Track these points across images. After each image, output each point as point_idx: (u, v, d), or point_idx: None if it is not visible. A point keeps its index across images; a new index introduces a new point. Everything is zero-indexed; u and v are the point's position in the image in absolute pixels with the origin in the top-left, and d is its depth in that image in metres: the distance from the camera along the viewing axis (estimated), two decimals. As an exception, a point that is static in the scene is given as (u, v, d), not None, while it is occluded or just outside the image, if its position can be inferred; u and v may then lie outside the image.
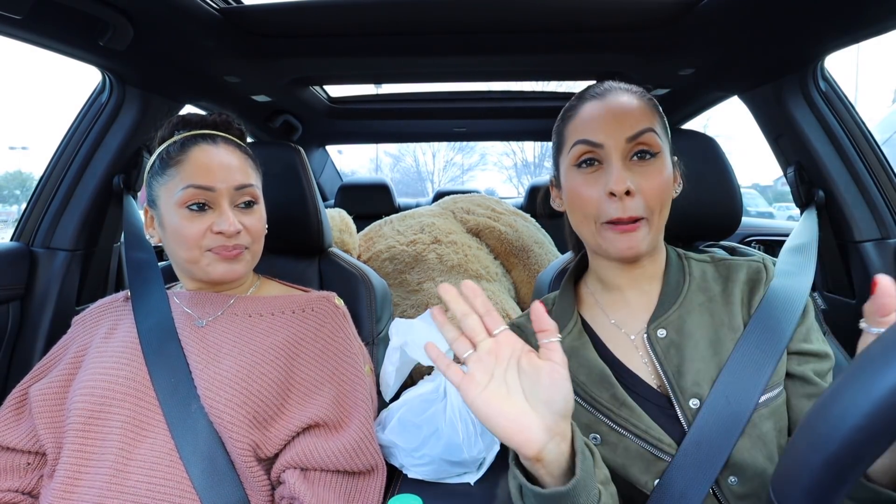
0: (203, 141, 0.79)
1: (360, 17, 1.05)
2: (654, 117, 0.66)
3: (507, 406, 0.47)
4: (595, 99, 0.67)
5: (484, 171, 22.45)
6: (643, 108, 0.65)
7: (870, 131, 1.15)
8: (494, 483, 0.85)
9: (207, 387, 0.70)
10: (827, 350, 0.64)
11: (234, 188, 0.78)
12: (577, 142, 0.66)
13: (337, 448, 0.72)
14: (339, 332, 0.83)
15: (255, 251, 0.83)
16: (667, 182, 0.64)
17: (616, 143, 0.63)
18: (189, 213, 0.76)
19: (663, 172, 0.64)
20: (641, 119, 0.64)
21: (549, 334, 0.49)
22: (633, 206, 0.62)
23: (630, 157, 0.64)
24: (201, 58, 1.14)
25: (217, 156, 0.78)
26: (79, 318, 0.85)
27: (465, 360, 0.49)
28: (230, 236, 0.76)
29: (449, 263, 1.44)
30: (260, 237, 0.83)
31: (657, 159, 0.64)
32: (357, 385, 0.80)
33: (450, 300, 0.50)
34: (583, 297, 0.78)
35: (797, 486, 0.32)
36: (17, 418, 0.75)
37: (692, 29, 1.05)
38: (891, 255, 1.09)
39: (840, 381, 0.31)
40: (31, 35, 0.87)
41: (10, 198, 19.40)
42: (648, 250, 0.66)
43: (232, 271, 0.79)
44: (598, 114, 0.65)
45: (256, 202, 0.82)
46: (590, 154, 0.65)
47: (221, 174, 0.77)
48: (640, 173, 0.63)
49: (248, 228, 0.80)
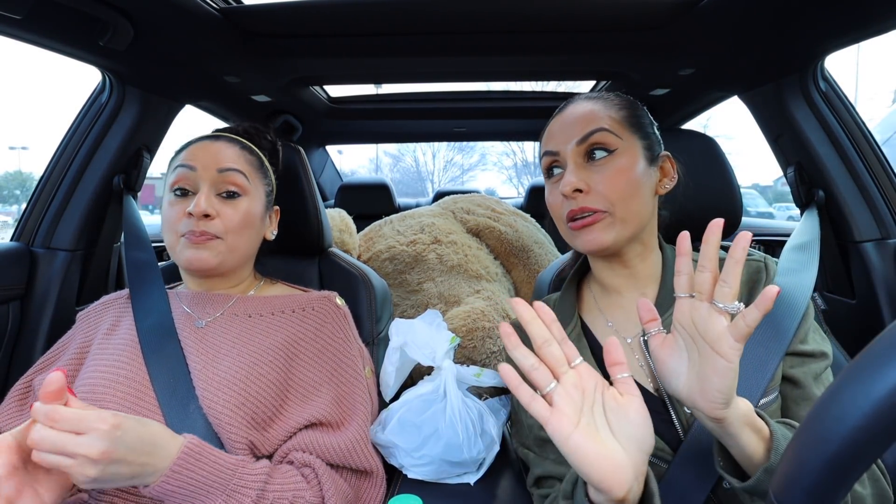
0: (207, 138, 0.82)
1: (360, 17, 1.05)
2: (612, 117, 0.67)
3: (601, 446, 0.43)
4: (558, 114, 0.72)
5: (484, 172, 22.47)
6: (598, 109, 0.68)
7: (870, 131, 1.15)
8: (494, 483, 0.85)
9: (206, 387, 0.70)
10: (823, 349, 0.64)
11: (216, 170, 0.78)
12: (543, 154, 0.72)
13: (334, 444, 0.72)
14: (339, 333, 0.83)
15: (232, 244, 0.79)
16: (629, 177, 0.65)
17: (568, 149, 0.67)
18: (174, 198, 0.78)
19: (624, 167, 0.65)
20: (592, 121, 0.67)
21: (622, 368, 0.47)
22: (587, 200, 0.65)
23: (586, 158, 0.67)
24: (201, 58, 1.14)
25: (210, 146, 0.81)
26: (83, 314, 0.85)
27: (548, 393, 0.45)
28: (199, 218, 0.76)
29: (449, 263, 1.44)
30: (238, 230, 0.79)
31: (614, 156, 0.66)
32: (356, 387, 0.80)
33: (528, 322, 0.46)
34: (584, 299, 0.78)
35: (797, 486, 0.32)
36: (20, 409, 0.76)
37: (692, 29, 1.04)
38: (891, 255, 1.09)
39: (840, 381, 0.31)
40: (31, 35, 0.87)
41: (9, 198, 19.41)
42: (619, 243, 0.66)
43: (198, 258, 0.76)
44: (557, 125, 0.71)
45: (242, 194, 0.80)
46: (552, 163, 0.70)
47: (206, 158, 0.79)
48: (596, 171, 0.66)
49: (222, 217, 0.78)
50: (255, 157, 0.85)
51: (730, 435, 0.48)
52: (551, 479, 0.69)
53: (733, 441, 0.48)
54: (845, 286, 1.16)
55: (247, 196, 0.81)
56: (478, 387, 0.98)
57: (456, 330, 1.26)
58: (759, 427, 0.49)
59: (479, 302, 1.35)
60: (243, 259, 0.84)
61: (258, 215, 0.83)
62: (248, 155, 0.84)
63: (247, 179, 0.81)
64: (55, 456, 0.49)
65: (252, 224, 0.82)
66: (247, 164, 0.82)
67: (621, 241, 0.66)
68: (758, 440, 0.48)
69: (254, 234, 0.84)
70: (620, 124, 0.67)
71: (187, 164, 0.78)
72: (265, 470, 0.66)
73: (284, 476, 0.67)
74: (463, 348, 1.25)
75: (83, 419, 0.50)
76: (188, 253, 0.77)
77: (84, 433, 0.50)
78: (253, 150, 0.86)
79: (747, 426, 0.48)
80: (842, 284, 1.17)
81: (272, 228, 0.90)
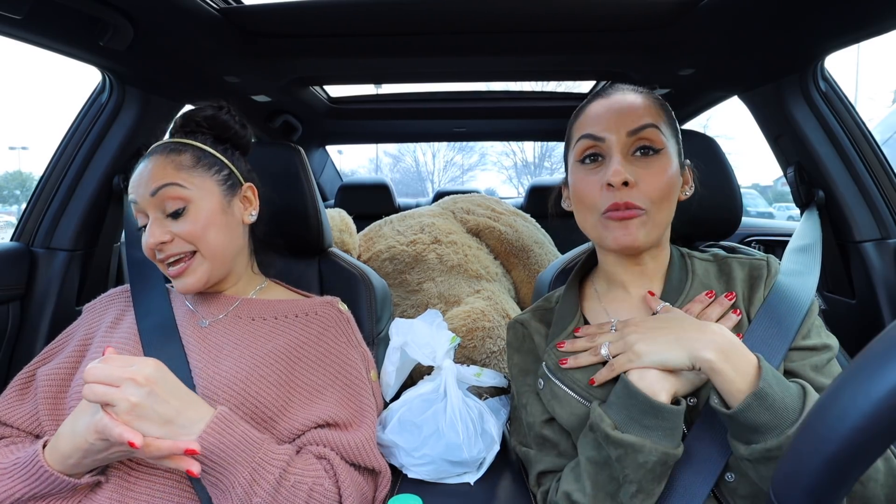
0: (153, 153, 0.78)
1: (360, 17, 1.05)
2: (659, 115, 0.67)
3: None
4: (601, 97, 0.70)
5: (484, 172, 22.47)
6: (648, 105, 0.67)
7: (870, 131, 1.15)
8: (494, 483, 0.85)
9: (206, 385, 0.70)
10: (826, 342, 0.64)
11: (149, 195, 0.74)
12: (581, 136, 0.68)
13: (346, 442, 0.72)
14: (342, 338, 0.82)
15: (206, 252, 0.76)
16: (669, 179, 0.65)
17: (618, 137, 0.65)
18: (143, 233, 0.77)
19: (666, 169, 0.65)
20: (644, 115, 0.65)
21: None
22: (632, 195, 0.64)
23: (632, 152, 0.66)
24: (201, 58, 1.14)
25: (144, 169, 0.76)
26: (89, 306, 0.85)
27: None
28: (157, 250, 0.75)
29: (449, 263, 1.44)
30: (201, 237, 0.75)
31: (660, 156, 0.65)
32: (361, 390, 0.80)
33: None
34: (587, 294, 0.78)
35: (797, 486, 0.32)
36: (21, 398, 0.76)
37: (692, 29, 1.05)
38: (891, 255, 1.09)
39: (840, 381, 0.31)
40: (31, 35, 0.87)
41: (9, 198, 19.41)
42: (647, 245, 0.67)
43: (184, 286, 0.76)
44: (602, 110, 0.68)
45: (187, 203, 0.75)
46: (593, 148, 0.67)
47: (141, 185, 0.75)
48: (642, 167, 0.65)
49: (179, 235, 0.74)
50: (187, 154, 0.78)
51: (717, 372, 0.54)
52: (552, 473, 0.69)
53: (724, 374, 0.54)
54: (845, 286, 1.16)
55: (193, 203, 0.75)
56: (478, 386, 0.98)
57: (456, 330, 1.26)
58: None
59: (479, 302, 1.35)
60: (230, 257, 0.81)
61: (216, 211, 0.77)
62: (177, 156, 0.77)
63: (182, 187, 0.75)
64: (103, 387, 0.56)
65: (214, 222, 0.77)
66: (177, 171, 0.75)
67: (650, 242, 0.67)
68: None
69: (224, 229, 0.78)
70: (666, 124, 0.67)
71: (132, 198, 0.76)
72: (289, 451, 0.67)
73: (305, 462, 0.68)
74: (463, 348, 1.25)
75: (132, 358, 0.60)
76: (175, 282, 0.77)
77: (132, 365, 0.59)
78: (182, 147, 0.78)
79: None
80: (842, 284, 1.17)
81: (250, 210, 0.84)
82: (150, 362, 0.60)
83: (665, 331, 0.59)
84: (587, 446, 0.59)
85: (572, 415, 0.66)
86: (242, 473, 0.61)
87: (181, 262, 0.75)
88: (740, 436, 0.53)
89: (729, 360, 0.54)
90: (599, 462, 0.57)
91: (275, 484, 0.62)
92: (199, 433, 0.59)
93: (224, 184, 0.80)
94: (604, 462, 0.57)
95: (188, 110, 0.85)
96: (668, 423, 0.55)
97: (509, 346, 0.81)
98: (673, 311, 0.64)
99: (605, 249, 0.73)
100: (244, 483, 0.61)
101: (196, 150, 0.79)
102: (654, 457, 0.54)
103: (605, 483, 0.57)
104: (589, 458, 0.58)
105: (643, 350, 0.58)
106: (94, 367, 0.57)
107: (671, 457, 0.55)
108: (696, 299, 0.67)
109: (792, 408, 0.50)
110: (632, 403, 0.56)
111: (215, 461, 0.60)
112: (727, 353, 0.54)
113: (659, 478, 0.56)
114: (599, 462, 0.57)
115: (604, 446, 0.56)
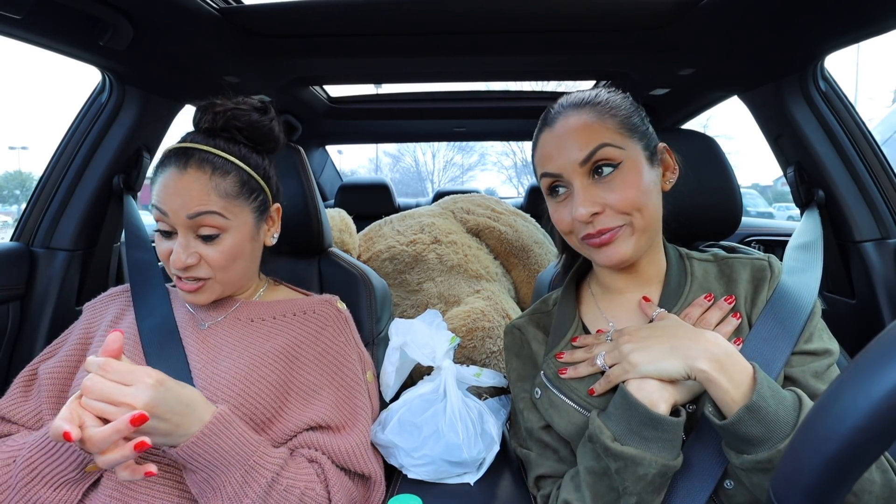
0: (175, 163, 0.73)
1: (360, 17, 1.05)
2: (607, 127, 0.64)
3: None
4: (547, 128, 0.68)
5: (484, 171, 22.48)
6: (591, 122, 0.65)
7: (870, 131, 1.15)
8: (494, 483, 0.85)
9: (205, 386, 0.70)
10: (828, 347, 0.64)
11: (185, 217, 0.71)
12: (541, 175, 0.68)
13: (336, 447, 0.72)
14: (340, 337, 0.82)
15: (224, 279, 0.76)
16: (639, 187, 0.63)
17: (572, 169, 0.64)
18: (158, 236, 0.75)
19: (632, 178, 0.63)
20: (591, 138, 0.63)
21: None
22: (603, 220, 0.63)
23: (592, 174, 0.64)
24: (201, 58, 1.14)
25: (178, 183, 0.71)
26: (90, 304, 0.85)
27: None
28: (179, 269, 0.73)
29: (449, 263, 1.44)
30: (225, 267, 0.75)
31: (621, 168, 0.63)
32: (357, 391, 0.80)
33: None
34: (584, 297, 0.78)
35: (797, 486, 0.32)
36: (24, 396, 0.76)
37: (692, 29, 1.04)
38: (891, 255, 1.09)
39: (840, 381, 0.31)
40: (31, 35, 0.87)
41: (9, 198, 19.42)
42: (637, 254, 0.66)
43: (195, 301, 0.76)
44: (550, 144, 0.67)
45: (223, 232, 0.73)
46: (555, 182, 0.67)
47: (174, 203, 0.71)
48: (606, 187, 0.63)
49: (206, 259, 0.73)
50: (231, 178, 0.74)
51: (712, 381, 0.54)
52: (552, 478, 0.69)
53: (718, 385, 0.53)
54: (845, 286, 1.16)
55: (227, 232, 0.74)
56: (478, 387, 0.98)
57: (456, 330, 1.26)
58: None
59: (479, 302, 1.35)
60: (243, 279, 0.81)
61: (247, 241, 0.77)
62: (221, 180, 0.73)
63: (222, 217, 0.72)
64: (102, 403, 0.53)
65: (241, 254, 0.76)
66: (221, 199, 0.72)
67: (641, 249, 0.66)
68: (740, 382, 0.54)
69: (248, 258, 0.79)
70: (618, 133, 0.64)
71: (159, 206, 0.72)
72: (283, 455, 0.67)
73: (298, 466, 0.68)
74: (463, 348, 1.25)
75: (132, 371, 0.56)
76: (186, 296, 0.77)
77: (131, 384, 0.54)
78: (227, 167, 0.74)
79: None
80: (842, 284, 1.17)
81: (273, 231, 0.85)
82: (149, 382, 0.55)
83: (659, 339, 0.58)
84: (586, 456, 0.59)
85: (570, 424, 0.65)
86: (234, 474, 0.61)
87: (198, 282, 0.75)
88: (733, 445, 0.53)
89: (724, 370, 0.53)
90: (599, 472, 0.57)
91: (266, 487, 0.62)
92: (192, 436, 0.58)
93: (257, 211, 0.78)
94: (603, 472, 0.57)
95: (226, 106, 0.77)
96: (667, 435, 0.54)
97: (507, 351, 0.81)
98: (669, 317, 0.63)
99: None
100: (235, 483, 0.61)
101: (241, 174, 0.75)
102: (654, 469, 0.53)
103: (605, 493, 0.56)
104: (588, 469, 0.58)
105: (638, 360, 0.58)
106: (92, 381, 0.54)
107: (671, 468, 0.54)
108: (694, 303, 0.66)
109: (785, 421, 0.50)
110: (631, 415, 0.56)
111: (208, 463, 0.60)
112: (722, 362, 0.53)
113: (658, 489, 0.55)
114: (599, 472, 0.57)
115: (603, 457, 0.56)
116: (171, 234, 0.73)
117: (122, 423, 0.51)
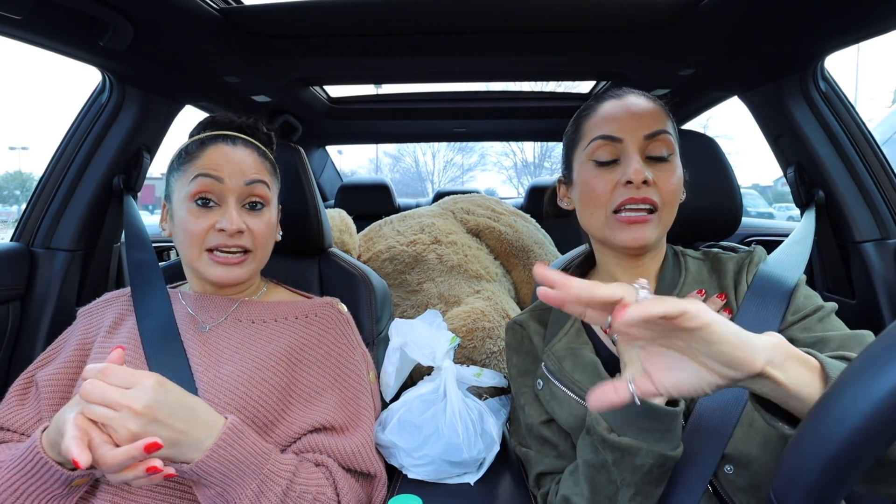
0: (223, 140, 0.79)
1: (360, 17, 1.05)
2: (668, 122, 0.69)
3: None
4: (614, 98, 0.71)
5: (484, 172, 22.50)
6: (659, 111, 0.69)
7: (870, 131, 1.15)
8: (494, 483, 0.85)
9: (207, 389, 0.70)
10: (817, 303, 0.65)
11: (244, 183, 0.77)
12: (596, 137, 0.69)
13: (341, 447, 0.72)
14: (342, 339, 0.83)
15: (260, 257, 0.81)
16: (678, 182, 0.68)
17: (635, 139, 0.67)
18: (196, 209, 0.75)
19: (676, 173, 0.68)
20: (658, 120, 0.68)
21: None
22: (650, 192, 0.65)
23: (646, 155, 0.67)
24: (201, 58, 1.14)
25: (233, 154, 0.78)
26: (84, 310, 0.85)
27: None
28: (231, 235, 0.75)
29: (449, 264, 1.44)
30: (264, 243, 0.80)
31: (670, 161, 0.68)
32: (360, 392, 0.80)
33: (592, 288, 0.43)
34: None
35: (797, 486, 0.32)
36: (21, 402, 0.75)
37: (692, 29, 1.05)
38: (891, 255, 1.09)
39: (840, 381, 0.31)
40: (31, 35, 0.87)
41: (9, 198, 19.43)
42: (654, 244, 0.69)
43: (229, 275, 0.77)
44: (617, 111, 0.69)
45: (266, 205, 0.80)
46: (608, 149, 0.68)
47: (232, 168, 0.76)
48: (657, 170, 0.67)
49: (252, 231, 0.77)
50: (269, 161, 0.83)
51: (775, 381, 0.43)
52: (551, 475, 0.69)
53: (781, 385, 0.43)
54: (845, 286, 1.16)
55: (268, 206, 0.81)
56: (478, 387, 0.98)
57: (456, 330, 1.26)
58: (806, 360, 0.45)
59: (479, 302, 1.35)
60: (262, 265, 0.84)
61: (274, 223, 0.83)
62: (265, 161, 0.82)
63: (268, 188, 0.80)
64: (102, 408, 0.52)
65: (271, 234, 0.82)
66: (267, 173, 0.81)
67: (656, 241, 0.69)
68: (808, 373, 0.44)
69: (271, 241, 0.84)
70: (673, 132, 0.70)
71: (212, 174, 0.75)
72: (294, 461, 0.67)
73: (308, 472, 0.68)
74: (463, 348, 1.25)
75: (132, 375, 0.55)
76: (218, 270, 0.77)
77: (131, 387, 0.54)
78: (267, 153, 0.84)
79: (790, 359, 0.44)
80: (842, 284, 1.17)
81: (279, 230, 0.89)
82: (149, 384, 0.55)
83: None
84: (585, 449, 0.59)
85: (571, 415, 0.66)
86: (250, 486, 0.60)
87: (245, 254, 0.78)
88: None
89: None
90: (597, 465, 0.57)
91: (281, 495, 0.62)
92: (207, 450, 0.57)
93: (277, 199, 0.86)
94: (601, 465, 0.57)
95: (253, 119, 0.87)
96: (664, 425, 0.54)
97: (508, 348, 0.81)
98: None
99: (609, 248, 0.73)
100: (251, 495, 0.60)
101: (272, 163, 0.85)
102: (651, 459, 0.54)
103: (604, 486, 0.57)
104: (587, 461, 0.58)
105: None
106: (92, 384, 0.53)
107: (669, 459, 0.54)
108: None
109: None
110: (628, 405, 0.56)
111: (223, 476, 0.58)
112: None
113: (657, 480, 0.55)
114: (597, 465, 0.57)
115: (600, 449, 0.57)
116: (208, 205, 0.76)
117: (135, 448, 0.50)
